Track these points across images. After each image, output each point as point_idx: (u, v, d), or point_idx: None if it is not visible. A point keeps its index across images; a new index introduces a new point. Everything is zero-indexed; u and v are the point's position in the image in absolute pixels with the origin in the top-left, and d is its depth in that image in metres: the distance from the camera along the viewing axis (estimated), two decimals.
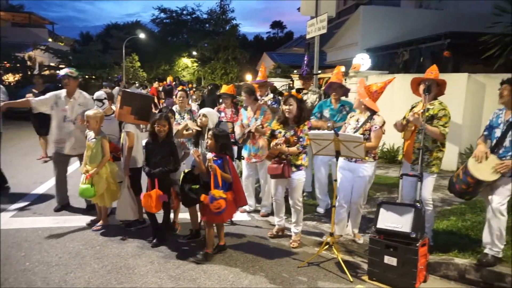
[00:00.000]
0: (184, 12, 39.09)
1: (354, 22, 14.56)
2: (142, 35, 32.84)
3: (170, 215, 4.30)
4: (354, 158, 3.84)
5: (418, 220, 3.29)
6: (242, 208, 4.95)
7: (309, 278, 3.47)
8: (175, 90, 10.71)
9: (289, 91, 7.11)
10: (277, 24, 58.90)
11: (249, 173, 5.08)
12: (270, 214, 4.97)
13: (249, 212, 5.16)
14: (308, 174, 5.51)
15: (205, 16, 37.67)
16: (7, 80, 21.30)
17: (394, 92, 6.86)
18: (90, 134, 4.38)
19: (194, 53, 34.31)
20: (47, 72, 21.73)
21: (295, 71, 18.46)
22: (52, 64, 24.45)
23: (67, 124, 4.85)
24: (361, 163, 3.93)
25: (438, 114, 3.69)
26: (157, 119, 4.01)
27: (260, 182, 5.16)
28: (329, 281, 3.44)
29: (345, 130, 4.04)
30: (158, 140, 4.03)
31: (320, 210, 5.13)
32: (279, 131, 4.08)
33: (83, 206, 5.11)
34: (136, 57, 33.38)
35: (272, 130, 4.14)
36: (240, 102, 6.83)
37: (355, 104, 4.07)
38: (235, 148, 4.70)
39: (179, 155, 4.36)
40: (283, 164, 3.91)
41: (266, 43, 49.89)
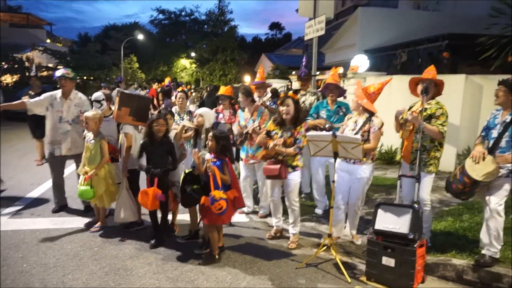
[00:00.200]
0: (183, 13, 39.10)
1: (352, 24, 14.60)
2: (141, 36, 32.83)
3: (168, 216, 4.29)
4: (352, 159, 3.84)
5: (416, 221, 3.30)
6: (241, 209, 4.94)
7: (307, 280, 3.47)
8: (173, 91, 10.72)
9: (287, 92, 7.11)
10: (275, 26, 58.97)
11: (247, 174, 5.08)
12: (268, 215, 4.97)
13: (247, 213, 5.17)
14: (307, 175, 5.53)
15: (203, 17, 37.71)
16: (5, 81, 21.27)
17: (392, 93, 6.88)
18: (89, 135, 4.38)
19: (193, 54, 34.30)
20: (45, 73, 21.73)
21: (294, 72, 18.51)
22: (50, 65, 24.43)
23: (63, 125, 4.84)
24: (359, 164, 3.93)
25: (435, 113, 3.69)
26: (155, 119, 4.03)
27: (258, 183, 5.16)
28: (327, 282, 3.44)
29: (343, 132, 4.03)
30: (156, 140, 4.04)
31: (318, 211, 5.13)
32: (275, 132, 4.08)
33: (81, 208, 5.10)
34: (135, 58, 33.36)
35: (268, 131, 4.14)
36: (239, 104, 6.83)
37: (353, 106, 4.07)
38: (234, 149, 4.70)
39: (177, 156, 4.36)
40: (280, 165, 3.91)
41: (265, 45, 49.89)
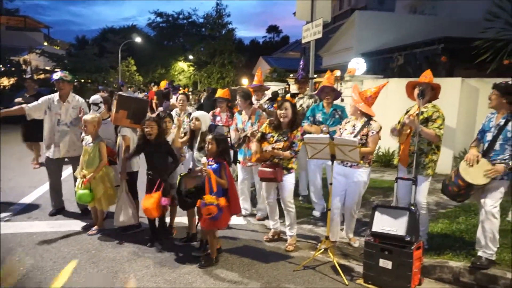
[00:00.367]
0: (181, 16, 39.19)
1: (349, 27, 14.68)
2: (138, 39, 32.81)
3: (165, 219, 4.29)
4: (349, 162, 3.86)
5: (413, 224, 3.32)
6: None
7: (305, 282, 3.48)
8: (172, 93, 10.74)
9: (285, 95, 7.14)
10: (273, 29, 59.19)
11: (244, 176, 5.09)
12: (266, 217, 4.97)
13: (245, 216, 5.17)
14: (304, 178, 5.54)
15: (201, 20, 37.76)
16: (2, 84, 21.20)
17: (389, 96, 6.92)
18: (87, 138, 4.37)
19: (191, 57, 34.34)
20: (42, 76, 21.65)
21: (291, 75, 18.57)
22: (48, 68, 24.37)
23: (61, 127, 4.84)
24: (356, 168, 3.94)
25: (432, 116, 3.72)
26: (145, 120, 4.03)
27: (256, 186, 5.16)
28: (325, 285, 3.45)
29: (341, 135, 4.05)
30: (152, 142, 4.03)
31: (316, 213, 5.14)
32: (271, 134, 4.09)
33: (78, 211, 5.09)
34: (132, 61, 33.33)
35: (263, 133, 4.15)
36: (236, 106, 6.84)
37: (351, 110, 4.08)
38: (231, 152, 4.70)
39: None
40: (275, 168, 3.92)
41: (262, 47, 50.04)
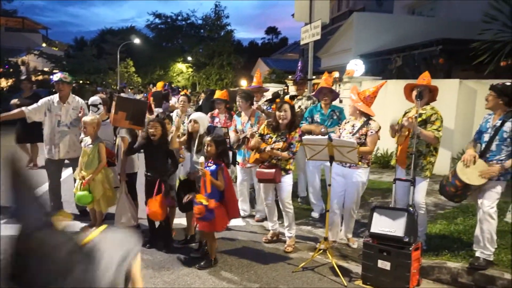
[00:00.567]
0: (179, 17, 39.11)
1: (347, 29, 14.70)
2: (137, 41, 32.79)
3: (169, 219, 4.29)
4: (348, 163, 3.87)
5: (411, 225, 3.33)
6: None
7: (304, 283, 3.49)
8: (171, 95, 10.75)
9: (283, 96, 7.13)
10: (271, 30, 59.20)
11: (243, 178, 5.09)
12: (265, 219, 4.96)
13: (243, 217, 5.16)
14: (303, 179, 5.55)
15: (200, 21, 37.70)
16: (0, 86, 21.16)
17: (387, 97, 6.94)
18: (86, 139, 4.37)
19: (189, 58, 34.33)
20: (40, 77, 21.61)
21: (290, 76, 18.58)
22: (46, 69, 24.34)
23: (62, 128, 4.84)
24: (355, 168, 3.96)
25: (430, 118, 3.74)
26: (150, 121, 4.05)
27: (255, 187, 5.17)
28: (323, 286, 3.45)
29: (340, 136, 4.06)
30: (153, 143, 4.04)
31: (314, 214, 5.15)
32: (269, 136, 4.10)
33: (77, 212, 5.08)
34: (131, 62, 33.29)
35: (261, 134, 4.15)
36: (235, 107, 6.84)
37: (350, 110, 4.10)
38: (230, 153, 4.70)
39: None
40: (274, 169, 3.93)
41: (261, 49, 50.02)
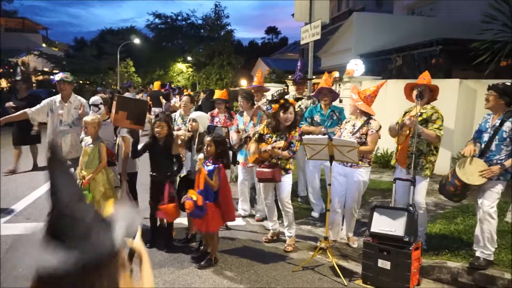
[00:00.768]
0: (179, 17, 39.11)
1: (347, 29, 14.72)
2: (137, 41, 32.79)
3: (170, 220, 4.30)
4: (348, 162, 3.88)
5: (411, 224, 3.33)
6: (237, 213, 4.95)
7: (304, 283, 3.49)
8: (171, 95, 10.76)
9: (283, 95, 7.13)
10: (271, 30, 59.23)
11: (244, 177, 5.09)
12: (265, 218, 4.97)
13: (244, 216, 5.17)
14: (303, 179, 5.55)
15: (200, 21, 37.74)
16: (0, 86, 21.16)
17: (387, 96, 6.94)
18: (87, 139, 4.37)
19: (189, 58, 34.33)
20: (40, 78, 21.62)
21: (290, 76, 18.58)
22: (46, 69, 24.34)
23: (63, 127, 4.86)
24: (356, 168, 3.96)
25: (431, 117, 3.75)
26: (156, 120, 4.09)
27: (256, 186, 5.17)
28: (324, 285, 3.46)
29: (341, 135, 4.07)
30: (159, 143, 4.05)
31: (314, 214, 5.15)
32: (269, 135, 4.10)
33: None
34: (131, 62, 33.30)
35: (261, 134, 4.15)
36: (236, 107, 6.85)
37: (351, 110, 4.11)
38: (230, 153, 4.71)
39: None
40: (274, 169, 3.93)
41: (261, 49, 50.06)
